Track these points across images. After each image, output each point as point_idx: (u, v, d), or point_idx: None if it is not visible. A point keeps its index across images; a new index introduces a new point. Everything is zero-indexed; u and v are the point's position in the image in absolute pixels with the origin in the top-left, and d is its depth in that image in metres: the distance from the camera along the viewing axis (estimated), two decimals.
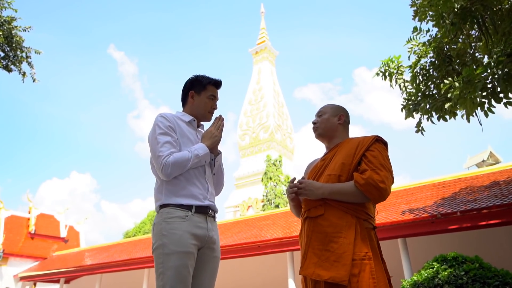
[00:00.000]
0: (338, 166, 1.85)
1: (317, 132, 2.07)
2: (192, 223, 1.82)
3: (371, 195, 1.72)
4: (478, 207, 6.50)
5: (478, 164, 17.67)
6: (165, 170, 1.81)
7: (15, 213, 20.74)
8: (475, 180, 8.81)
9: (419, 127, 5.28)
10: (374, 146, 1.86)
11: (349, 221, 1.74)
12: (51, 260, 18.37)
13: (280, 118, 28.64)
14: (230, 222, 13.31)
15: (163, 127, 1.91)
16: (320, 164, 1.99)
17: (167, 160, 1.81)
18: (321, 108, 2.11)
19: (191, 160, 1.86)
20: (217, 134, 2.01)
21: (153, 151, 1.87)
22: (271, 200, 20.59)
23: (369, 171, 1.75)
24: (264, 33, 31.97)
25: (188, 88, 2.11)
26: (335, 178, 1.82)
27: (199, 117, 2.10)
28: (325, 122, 2.04)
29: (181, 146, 1.93)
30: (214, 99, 2.10)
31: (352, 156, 1.84)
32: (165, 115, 1.98)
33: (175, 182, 1.87)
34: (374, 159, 1.79)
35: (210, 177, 2.02)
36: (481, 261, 4.09)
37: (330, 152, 1.98)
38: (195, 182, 1.90)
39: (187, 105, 2.11)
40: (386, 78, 5.13)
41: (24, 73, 7.40)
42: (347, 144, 1.94)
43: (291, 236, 8.67)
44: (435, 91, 5.29)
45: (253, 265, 11.64)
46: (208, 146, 1.96)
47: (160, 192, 1.90)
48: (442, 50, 4.78)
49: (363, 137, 1.94)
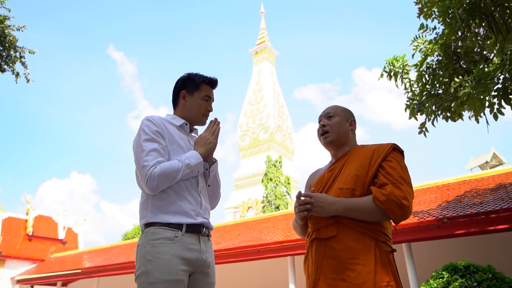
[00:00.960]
0: (350, 178, 1.60)
1: (329, 139, 1.76)
2: (182, 245, 1.57)
3: (392, 213, 1.48)
4: (484, 210, 6.30)
5: (481, 166, 17.45)
6: (151, 183, 1.56)
7: (13, 215, 20.50)
8: (480, 183, 8.61)
9: (422, 128, 5.09)
10: (392, 155, 1.62)
11: (367, 244, 1.49)
12: (49, 262, 18.18)
13: (280, 118, 28.45)
14: (230, 224, 13.12)
15: (149, 133, 1.66)
16: (327, 175, 1.73)
17: (152, 171, 1.56)
18: (329, 110, 1.82)
19: (181, 171, 1.61)
20: (212, 140, 1.75)
21: (137, 160, 1.63)
22: (271, 201, 20.38)
23: (390, 185, 1.51)
24: (264, 33, 31.79)
25: (180, 88, 1.86)
26: (348, 193, 1.57)
27: (192, 121, 1.85)
28: (338, 126, 1.76)
29: (170, 154, 1.68)
30: (209, 100, 1.85)
31: (367, 167, 1.60)
32: (151, 118, 1.72)
33: (162, 197, 1.62)
34: (393, 171, 1.55)
35: (204, 189, 1.77)
36: (494, 270, 3.88)
37: (339, 162, 1.73)
38: (187, 196, 1.65)
39: (179, 107, 1.86)
40: (391, 78, 4.92)
41: (18, 73, 7.19)
42: (359, 152, 1.69)
43: (292, 240, 8.49)
44: (441, 91, 5.09)
45: (253, 269, 11.44)
46: (202, 153, 1.70)
47: (145, 208, 1.64)
48: (449, 47, 4.59)
49: (378, 145, 1.69)
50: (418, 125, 5.08)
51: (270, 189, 20.87)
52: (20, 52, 7.23)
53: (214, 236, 11.75)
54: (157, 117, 1.76)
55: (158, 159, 1.61)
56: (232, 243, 9.99)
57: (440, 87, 4.78)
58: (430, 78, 4.70)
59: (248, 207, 24.56)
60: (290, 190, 21.63)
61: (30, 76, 7.30)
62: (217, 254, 9.49)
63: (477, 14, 4.47)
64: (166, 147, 1.68)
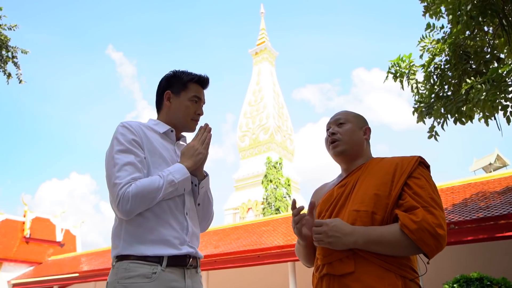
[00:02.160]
0: (369, 198, 1.30)
1: (340, 148, 1.47)
2: (163, 284, 1.26)
3: (426, 246, 1.18)
4: (492, 215, 6.09)
5: (485, 168, 17.21)
6: (123, 206, 1.25)
7: (10, 217, 20.26)
8: (485, 186, 8.40)
9: (432, 132, 4.87)
10: (419, 171, 1.33)
11: (393, 283, 1.19)
12: (46, 265, 17.97)
13: (280, 119, 28.25)
14: (229, 227, 12.91)
15: (124, 142, 1.36)
16: (337, 192, 1.43)
17: (126, 190, 1.26)
18: (339, 115, 1.54)
19: (162, 189, 1.31)
20: (202, 150, 1.45)
21: (108, 177, 1.33)
22: (271, 203, 20.17)
23: (421, 209, 1.21)
24: (264, 33, 31.60)
25: (164, 88, 1.56)
26: (367, 216, 1.27)
27: (179, 126, 1.55)
28: (351, 134, 1.47)
29: (150, 168, 1.38)
30: (198, 102, 1.55)
31: (390, 184, 1.30)
32: (128, 124, 1.41)
33: (139, 222, 1.32)
34: (422, 191, 1.26)
35: (192, 210, 1.46)
36: (510, 283, 3.66)
37: (352, 176, 1.44)
38: (169, 220, 1.35)
39: (163, 110, 1.56)
40: (397, 79, 4.69)
41: (9, 74, 6.97)
42: (376, 166, 1.40)
43: (293, 245, 8.28)
44: (450, 92, 4.88)
45: (252, 274, 11.22)
46: (189, 167, 1.40)
47: (118, 237, 1.33)
48: (458, 47, 4.36)
49: (400, 158, 1.39)
50: (427, 129, 4.86)
51: (270, 191, 20.67)
52: (12, 52, 7.00)
53: (213, 239, 11.54)
54: (135, 122, 1.46)
55: (134, 175, 1.31)
56: (231, 247, 9.79)
57: (449, 89, 4.56)
58: (438, 79, 4.48)
59: (248, 208, 24.36)
60: (290, 192, 21.42)
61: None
62: (215, 259, 9.28)
63: (488, 11, 4.25)
64: (145, 159, 1.38)
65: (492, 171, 16.16)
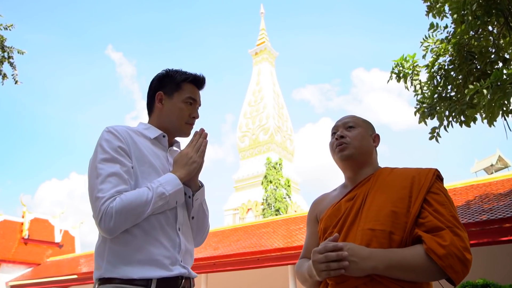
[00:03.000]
0: (385, 215, 1.16)
1: (348, 152, 1.32)
2: None
3: (454, 272, 1.04)
4: (495, 217, 5.99)
5: (486, 169, 17.08)
6: (105, 223, 1.11)
7: (8, 218, 20.16)
8: (488, 188, 8.30)
9: (433, 133, 4.76)
10: (437, 186, 1.20)
11: None
12: (45, 266, 17.88)
13: (280, 119, 28.15)
14: (229, 229, 12.82)
15: (109, 149, 1.21)
16: (345, 206, 1.27)
17: (109, 205, 1.12)
18: (348, 119, 1.41)
19: (151, 204, 1.16)
20: (197, 158, 1.30)
21: (90, 189, 1.18)
22: (271, 204, 20.06)
23: (447, 231, 1.08)
24: (264, 34, 31.49)
25: (155, 89, 1.42)
26: (384, 237, 1.13)
27: (172, 131, 1.40)
28: (361, 139, 1.34)
29: (138, 178, 1.23)
30: (193, 104, 1.40)
31: (407, 200, 1.17)
32: (114, 129, 1.27)
33: (125, 240, 1.17)
34: (444, 209, 1.13)
35: (185, 224, 1.31)
36: None
37: (361, 188, 1.29)
38: (159, 237, 1.20)
39: (154, 113, 1.42)
40: (400, 80, 4.59)
41: (5, 74, 6.86)
42: (388, 178, 1.26)
43: (292, 247, 8.19)
44: (453, 93, 4.78)
45: (252, 276, 11.11)
46: (182, 177, 1.26)
47: (101, 256, 1.19)
48: (463, 47, 4.26)
49: (416, 170, 1.25)
50: (429, 129, 4.76)
51: (270, 192, 20.56)
52: (9, 52, 6.89)
53: (212, 240, 11.44)
54: (123, 127, 1.30)
55: (119, 187, 1.16)
56: (231, 249, 9.69)
57: (452, 89, 4.45)
58: (442, 79, 4.38)
59: (248, 209, 24.26)
60: (290, 193, 21.32)
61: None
62: (215, 261, 9.18)
63: (493, 10, 4.15)
64: (133, 168, 1.23)
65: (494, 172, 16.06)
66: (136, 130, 1.34)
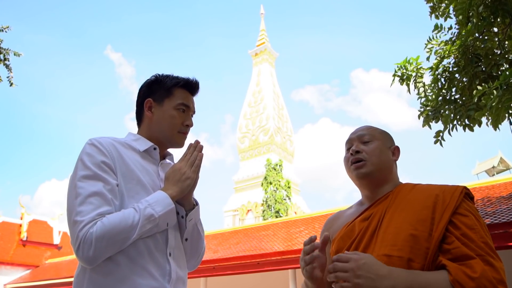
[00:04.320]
0: (404, 239, 1.03)
1: (366, 170, 1.20)
2: None
3: None
4: (499, 221, 5.89)
5: (488, 171, 16.98)
6: (84, 251, 0.98)
7: (6, 219, 20.06)
8: (491, 191, 8.20)
9: (438, 137, 4.66)
10: (465, 206, 1.06)
11: None
12: (43, 268, 17.76)
13: (280, 120, 28.08)
14: (229, 231, 12.72)
15: (91, 165, 1.08)
16: (359, 226, 1.16)
17: (88, 231, 0.98)
18: (363, 131, 1.27)
19: (137, 228, 1.02)
20: (191, 174, 1.16)
21: (68, 211, 1.05)
22: (271, 205, 19.97)
23: (479, 261, 0.94)
24: (264, 34, 31.42)
25: (144, 96, 1.29)
26: (402, 264, 1.01)
27: (164, 141, 1.27)
28: (379, 154, 1.21)
29: (124, 197, 1.10)
30: (186, 111, 1.27)
31: (429, 222, 1.03)
32: (98, 141, 1.14)
33: (108, 269, 1.03)
34: (474, 234, 0.99)
35: (177, 248, 1.18)
36: None
37: (377, 207, 1.17)
38: (147, 265, 1.06)
39: (143, 122, 1.29)
40: (403, 82, 4.48)
41: None
42: (408, 195, 1.14)
43: (293, 250, 8.09)
44: (458, 96, 4.68)
45: (251, 280, 11.02)
46: (174, 195, 1.12)
47: (80, 287, 1.06)
48: (468, 49, 4.16)
49: (441, 187, 1.11)
50: (433, 133, 4.66)
51: (270, 193, 20.47)
52: (5, 54, 6.79)
53: (212, 243, 11.34)
54: (107, 139, 1.17)
55: (101, 209, 1.02)
56: (231, 252, 9.59)
57: (457, 92, 4.35)
58: (446, 82, 4.28)
59: (248, 210, 24.19)
60: (290, 194, 21.23)
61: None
62: (214, 265, 9.08)
63: (499, 11, 4.05)
64: (118, 186, 1.10)
65: (495, 174, 15.95)
66: (123, 142, 1.21)
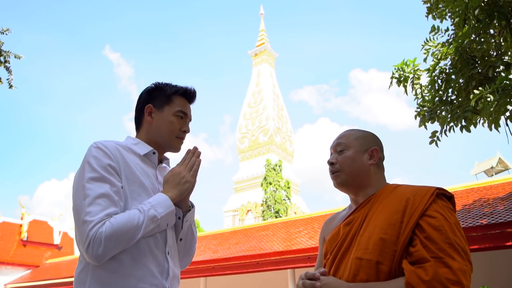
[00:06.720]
0: (374, 243, 1.08)
1: (338, 180, 1.27)
2: None
3: None
4: (496, 221, 5.94)
5: (486, 171, 17.02)
6: (94, 250, 1.04)
7: (7, 219, 20.10)
8: (489, 191, 8.24)
9: (433, 137, 4.71)
10: (435, 207, 1.08)
11: None
12: (44, 268, 17.80)
13: (280, 121, 28.12)
14: (228, 231, 12.76)
15: (98, 168, 1.14)
16: (343, 230, 1.21)
17: (98, 231, 1.04)
18: (341, 139, 1.33)
19: (142, 228, 1.10)
20: (189, 178, 1.24)
21: (77, 212, 1.10)
22: (271, 206, 20.01)
23: (432, 262, 0.97)
24: (263, 35, 31.46)
25: (144, 102, 1.36)
26: (371, 267, 1.06)
27: (162, 145, 1.35)
28: (350, 163, 1.26)
29: (128, 199, 1.16)
30: (184, 118, 1.36)
31: (398, 226, 1.07)
32: (103, 145, 1.19)
33: (111, 266, 1.09)
34: (438, 234, 1.01)
35: (174, 247, 1.26)
36: None
37: (359, 211, 1.22)
38: (148, 263, 1.13)
39: (143, 127, 1.36)
40: (401, 83, 4.53)
41: (0, 79, 6.78)
42: (387, 199, 1.17)
43: (292, 251, 8.13)
44: (454, 97, 4.73)
45: (251, 280, 11.06)
46: (174, 198, 1.20)
47: (82, 283, 1.11)
48: (465, 50, 4.21)
49: (414, 190, 1.14)
50: (429, 133, 4.71)
51: (270, 194, 20.52)
52: (5, 56, 6.82)
53: (211, 243, 11.39)
54: (112, 143, 1.22)
55: (109, 210, 1.08)
56: (230, 252, 9.64)
57: (453, 93, 4.40)
58: (443, 83, 4.33)
59: (248, 210, 24.23)
60: (290, 195, 21.28)
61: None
62: (214, 265, 9.12)
63: (495, 13, 4.10)
64: (123, 188, 1.16)
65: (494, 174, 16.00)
66: (125, 146, 1.27)
